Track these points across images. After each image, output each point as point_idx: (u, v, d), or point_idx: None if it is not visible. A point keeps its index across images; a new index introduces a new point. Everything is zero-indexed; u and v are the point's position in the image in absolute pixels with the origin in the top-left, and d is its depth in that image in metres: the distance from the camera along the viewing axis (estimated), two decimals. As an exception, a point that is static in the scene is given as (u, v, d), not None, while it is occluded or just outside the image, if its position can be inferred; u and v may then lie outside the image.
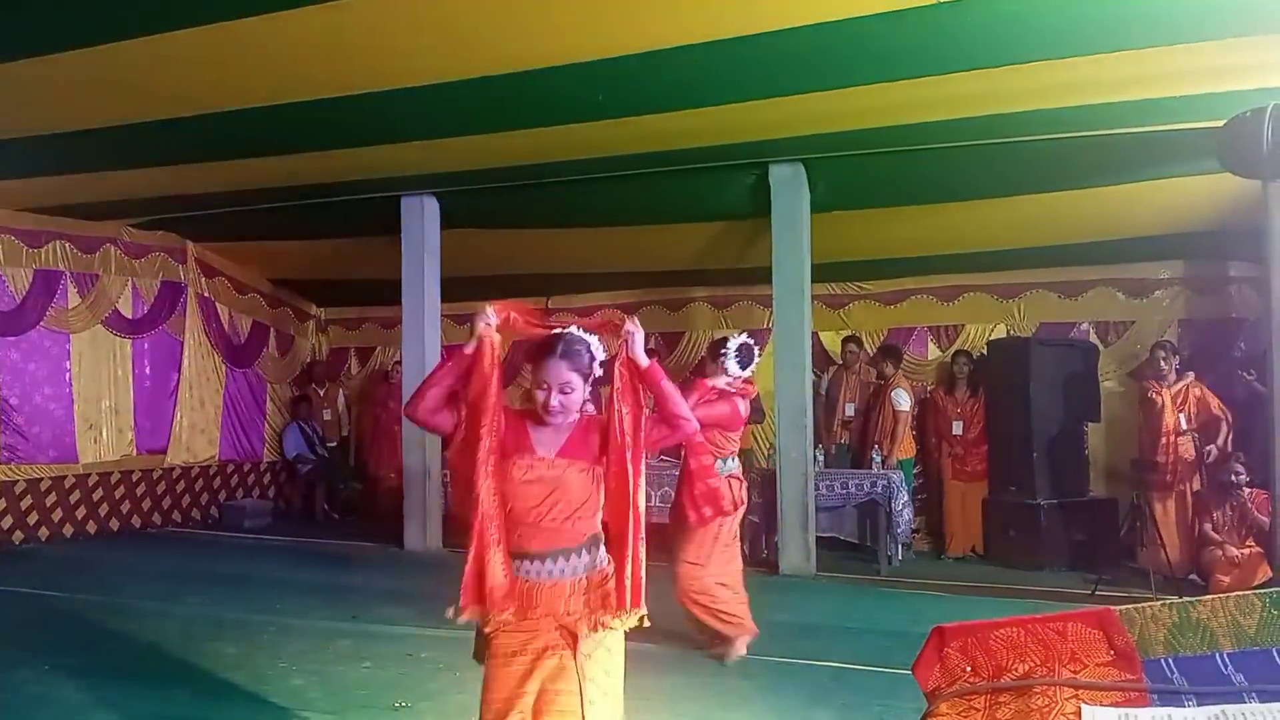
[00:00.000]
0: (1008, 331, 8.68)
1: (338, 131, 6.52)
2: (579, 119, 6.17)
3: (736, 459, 5.03)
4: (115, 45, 5.08)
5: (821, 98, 5.72)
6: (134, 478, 9.43)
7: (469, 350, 2.54)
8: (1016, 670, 1.52)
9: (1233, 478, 6.57)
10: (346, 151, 6.93)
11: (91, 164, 7.33)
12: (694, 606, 4.87)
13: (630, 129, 6.30)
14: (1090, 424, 8.08)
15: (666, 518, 7.35)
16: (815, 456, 7.48)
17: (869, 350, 9.08)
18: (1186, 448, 7.22)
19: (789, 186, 7.26)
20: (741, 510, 4.99)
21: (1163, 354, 7.37)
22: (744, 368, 4.90)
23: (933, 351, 9.05)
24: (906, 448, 8.19)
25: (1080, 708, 1.43)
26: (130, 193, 8.17)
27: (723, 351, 4.87)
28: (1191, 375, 7.31)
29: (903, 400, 8.12)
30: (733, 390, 4.89)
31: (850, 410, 8.58)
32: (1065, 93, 5.59)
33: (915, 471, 8.40)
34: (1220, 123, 5.33)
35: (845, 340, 8.84)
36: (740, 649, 4.89)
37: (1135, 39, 4.90)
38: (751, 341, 4.96)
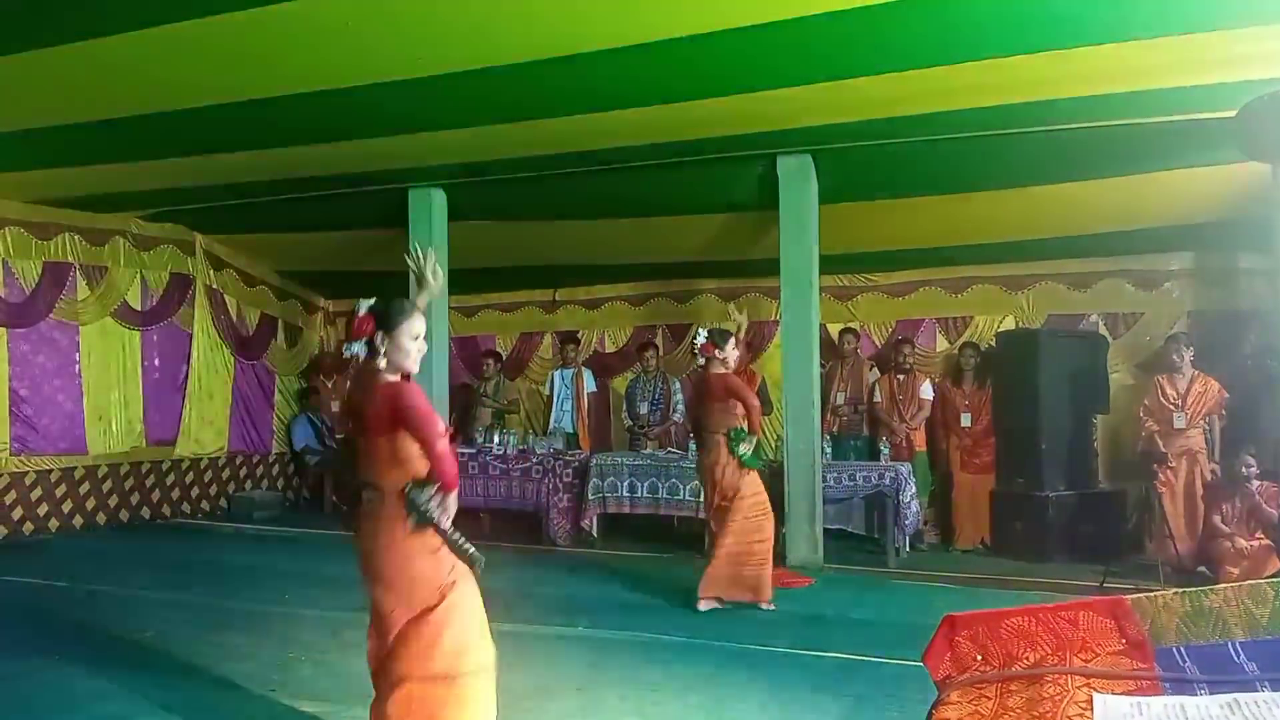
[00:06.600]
0: (1016, 323, 8.65)
1: (345, 123, 6.52)
2: (587, 110, 6.16)
3: None
4: (123, 36, 5.10)
5: (830, 88, 5.71)
6: (143, 469, 9.46)
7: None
8: (1028, 659, 1.51)
9: (1243, 470, 6.55)
10: (354, 144, 6.92)
11: (100, 156, 7.34)
12: None
13: (638, 120, 6.28)
14: (1099, 416, 8.05)
15: (674, 510, 7.58)
16: (823, 448, 7.47)
17: (875, 342, 9.10)
18: (1195, 440, 7.21)
19: (797, 177, 7.24)
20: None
21: (1178, 346, 7.35)
22: None
23: (941, 343, 9.04)
24: (919, 441, 8.22)
25: (1092, 696, 1.42)
26: (139, 185, 8.19)
27: None
28: (1200, 368, 7.29)
29: (929, 391, 8.23)
30: None
31: (840, 399, 8.57)
32: (1074, 83, 5.55)
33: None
34: (1232, 113, 5.30)
35: (842, 331, 8.87)
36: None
37: (1146, 28, 4.87)
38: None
